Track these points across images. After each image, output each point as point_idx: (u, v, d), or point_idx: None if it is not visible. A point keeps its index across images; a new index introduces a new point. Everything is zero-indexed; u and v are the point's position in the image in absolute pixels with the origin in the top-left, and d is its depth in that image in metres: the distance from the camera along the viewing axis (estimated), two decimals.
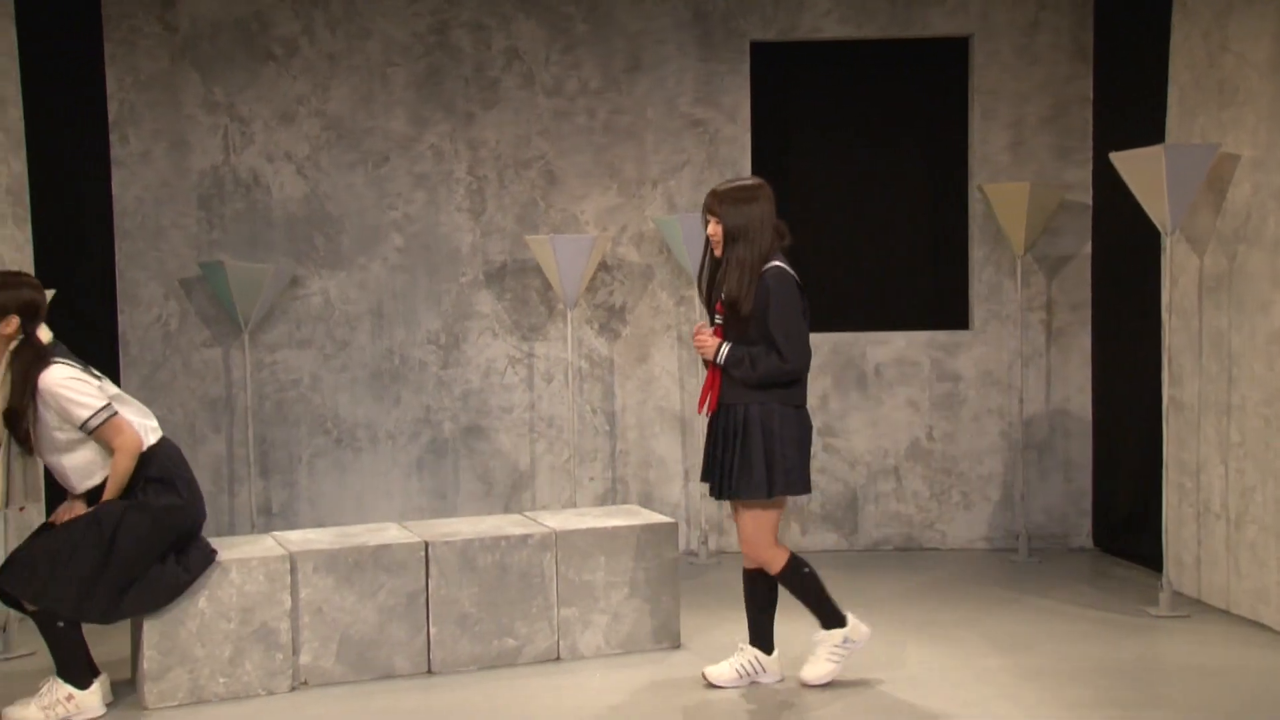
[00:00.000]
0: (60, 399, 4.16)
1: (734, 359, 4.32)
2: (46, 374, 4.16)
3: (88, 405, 4.18)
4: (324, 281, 6.91)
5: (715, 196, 4.38)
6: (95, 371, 4.34)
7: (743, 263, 4.30)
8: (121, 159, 6.80)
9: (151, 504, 4.27)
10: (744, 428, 4.32)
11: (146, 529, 4.24)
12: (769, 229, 4.35)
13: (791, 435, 4.34)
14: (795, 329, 4.30)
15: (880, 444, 6.89)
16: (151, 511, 4.26)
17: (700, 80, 6.84)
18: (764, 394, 4.31)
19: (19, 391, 4.14)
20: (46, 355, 4.21)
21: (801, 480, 4.39)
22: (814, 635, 4.56)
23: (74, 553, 4.14)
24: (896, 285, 7.05)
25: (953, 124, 6.96)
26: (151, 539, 4.26)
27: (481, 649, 4.79)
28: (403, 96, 6.86)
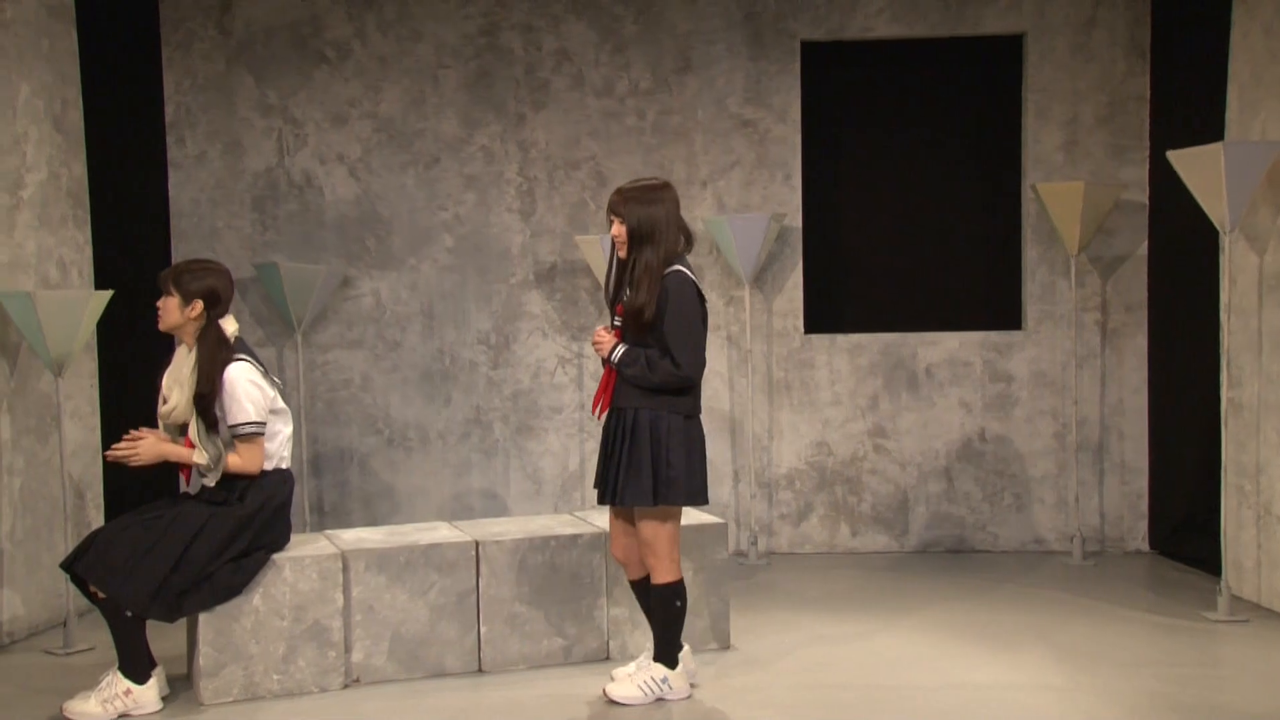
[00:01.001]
0: (232, 393, 4.32)
1: (628, 359, 4.19)
2: (234, 366, 4.34)
3: (246, 411, 4.33)
4: (375, 282, 6.95)
5: (620, 196, 4.25)
6: (275, 379, 4.53)
7: (648, 266, 4.17)
8: (178, 161, 6.88)
9: (233, 518, 4.33)
10: (632, 433, 4.19)
11: (222, 539, 4.30)
12: (674, 230, 4.22)
13: (679, 444, 4.18)
14: (691, 335, 4.15)
15: (931, 445, 6.83)
16: (233, 522, 4.32)
17: (750, 80, 6.81)
18: (654, 400, 4.18)
19: (206, 376, 4.31)
20: (229, 343, 4.40)
21: (689, 491, 4.19)
22: (641, 656, 4.42)
23: (151, 550, 4.19)
24: (948, 286, 6.98)
25: (1005, 123, 6.89)
26: (224, 547, 4.31)
27: (531, 648, 4.79)
28: (453, 98, 6.88)
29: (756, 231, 6.38)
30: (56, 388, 5.18)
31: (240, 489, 4.40)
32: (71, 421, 5.63)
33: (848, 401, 6.85)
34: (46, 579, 5.42)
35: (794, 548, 6.90)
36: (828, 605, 5.68)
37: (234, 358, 4.39)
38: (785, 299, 6.86)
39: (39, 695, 4.53)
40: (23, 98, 5.41)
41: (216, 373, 4.33)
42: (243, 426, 4.35)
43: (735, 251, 6.40)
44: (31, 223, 5.45)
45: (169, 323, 4.42)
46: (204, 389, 4.32)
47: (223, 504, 4.36)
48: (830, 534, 6.89)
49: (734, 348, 6.87)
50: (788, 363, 6.88)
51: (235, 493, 4.39)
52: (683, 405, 4.23)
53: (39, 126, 5.53)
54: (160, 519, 4.27)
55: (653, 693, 4.33)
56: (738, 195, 6.83)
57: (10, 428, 5.27)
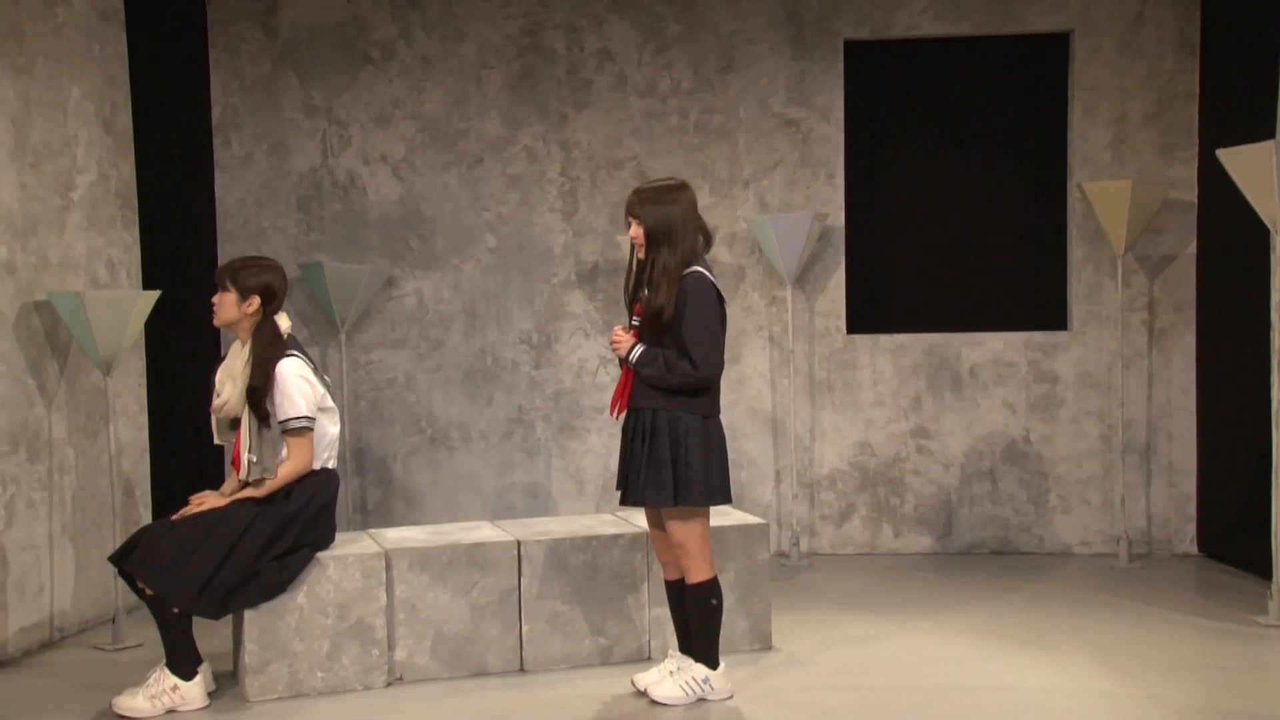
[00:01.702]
0: (283, 388, 4.37)
1: (646, 359, 4.16)
2: (286, 360, 4.40)
3: (297, 406, 4.39)
4: (418, 282, 6.98)
5: (636, 197, 4.22)
6: (325, 377, 4.60)
7: (666, 267, 4.14)
8: (224, 162, 6.94)
9: (279, 516, 4.37)
10: (651, 434, 4.17)
11: (267, 537, 4.33)
12: (691, 231, 4.19)
13: (697, 444, 4.16)
14: (709, 336, 4.12)
15: (975, 446, 6.77)
16: (278, 520, 4.36)
17: (793, 80, 6.78)
18: (671, 400, 4.16)
19: (260, 370, 4.37)
20: (284, 339, 4.46)
21: (709, 490, 4.17)
22: (678, 655, 4.39)
23: (200, 548, 4.23)
24: (992, 286, 6.92)
25: (1051, 122, 6.82)
26: (269, 545, 4.35)
27: (573, 647, 4.79)
28: (496, 98, 6.90)
29: (799, 231, 6.35)
30: (105, 386, 5.24)
31: (296, 488, 4.43)
32: (120, 420, 5.70)
33: (890, 402, 6.81)
34: (95, 575, 5.49)
35: (836, 549, 6.87)
36: (870, 606, 5.65)
37: (286, 353, 4.44)
38: (828, 299, 6.83)
39: (88, 690, 4.59)
40: (74, 101, 5.49)
41: (270, 367, 4.38)
42: (293, 421, 4.39)
43: (778, 251, 6.38)
44: (81, 224, 5.52)
45: (225, 318, 4.46)
46: (257, 382, 4.36)
47: (268, 502, 4.39)
48: (873, 535, 6.85)
49: (776, 348, 6.84)
50: (830, 363, 6.85)
51: (281, 491, 4.43)
52: (700, 405, 4.20)
53: (89, 129, 5.60)
54: (207, 517, 4.31)
55: (694, 693, 4.31)
56: (780, 195, 6.81)
57: (61, 425, 5.34)
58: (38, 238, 5.21)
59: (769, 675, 4.66)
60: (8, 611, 4.97)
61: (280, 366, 4.40)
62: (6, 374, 4.99)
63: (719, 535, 4.92)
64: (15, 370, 5.05)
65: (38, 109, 5.23)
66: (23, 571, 5.07)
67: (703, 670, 4.32)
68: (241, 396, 4.39)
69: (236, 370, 4.42)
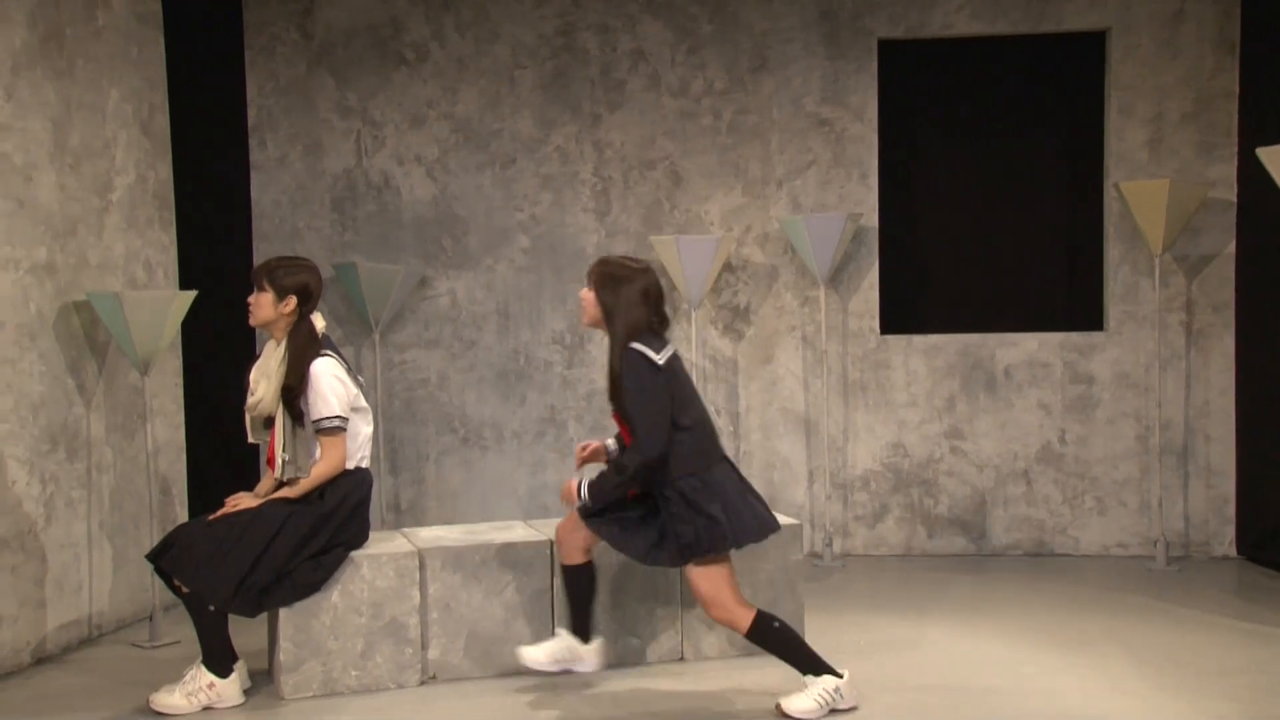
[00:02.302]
0: (316, 387, 4.40)
1: (598, 487, 4.19)
2: (320, 360, 4.43)
3: (330, 405, 4.41)
4: (452, 282, 7.01)
5: (595, 265, 4.34)
6: (359, 377, 4.64)
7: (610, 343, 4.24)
8: (260, 163, 6.99)
9: (313, 515, 4.39)
10: (666, 505, 4.16)
11: (302, 536, 4.36)
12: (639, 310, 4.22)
13: (708, 500, 4.10)
14: (646, 413, 4.10)
15: (1010, 447, 6.73)
16: (312, 519, 4.39)
17: (827, 79, 6.76)
18: (666, 476, 4.13)
19: (295, 369, 4.41)
20: (319, 339, 4.50)
21: (733, 534, 4.12)
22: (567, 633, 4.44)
23: (235, 546, 4.26)
24: (1027, 286, 6.88)
25: (1087, 121, 6.76)
26: (303, 544, 4.38)
27: (606, 647, 4.78)
28: (530, 99, 6.92)
29: (832, 231, 6.33)
30: (143, 386, 5.29)
31: (329, 487, 4.46)
32: (157, 419, 5.75)
33: (924, 403, 6.78)
34: (133, 573, 5.54)
35: (869, 550, 6.84)
36: (904, 608, 5.62)
37: (320, 353, 4.47)
38: (861, 299, 6.80)
39: (126, 687, 4.63)
40: (112, 103, 5.54)
41: (305, 366, 4.40)
42: (326, 421, 4.40)
43: (811, 251, 6.36)
44: (120, 225, 5.57)
45: (261, 318, 4.49)
46: (292, 381, 4.39)
47: (302, 502, 4.42)
48: (906, 536, 6.82)
49: (809, 348, 6.83)
50: (863, 363, 6.82)
51: (315, 491, 4.45)
52: (692, 465, 4.14)
53: (128, 130, 5.65)
54: (241, 516, 4.34)
55: (828, 703, 4.19)
56: (814, 195, 6.79)
57: (99, 425, 5.39)
58: (77, 239, 5.26)
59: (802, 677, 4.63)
60: (47, 609, 5.03)
61: (314, 366, 4.42)
62: (46, 373, 5.05)
63: None
64: (55, 370, 5.11)
65: (77, 111, 5.29)
66: (61, 569, 5.13)
67: (833, 680, 4.20)
68: (276, 395, 4.41)
69: (271, 369, 4.45)
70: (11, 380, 4.84)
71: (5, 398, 4.80)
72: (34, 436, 4.96)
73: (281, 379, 4.42)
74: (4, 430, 4.79)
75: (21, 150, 4.92)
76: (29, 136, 4.97)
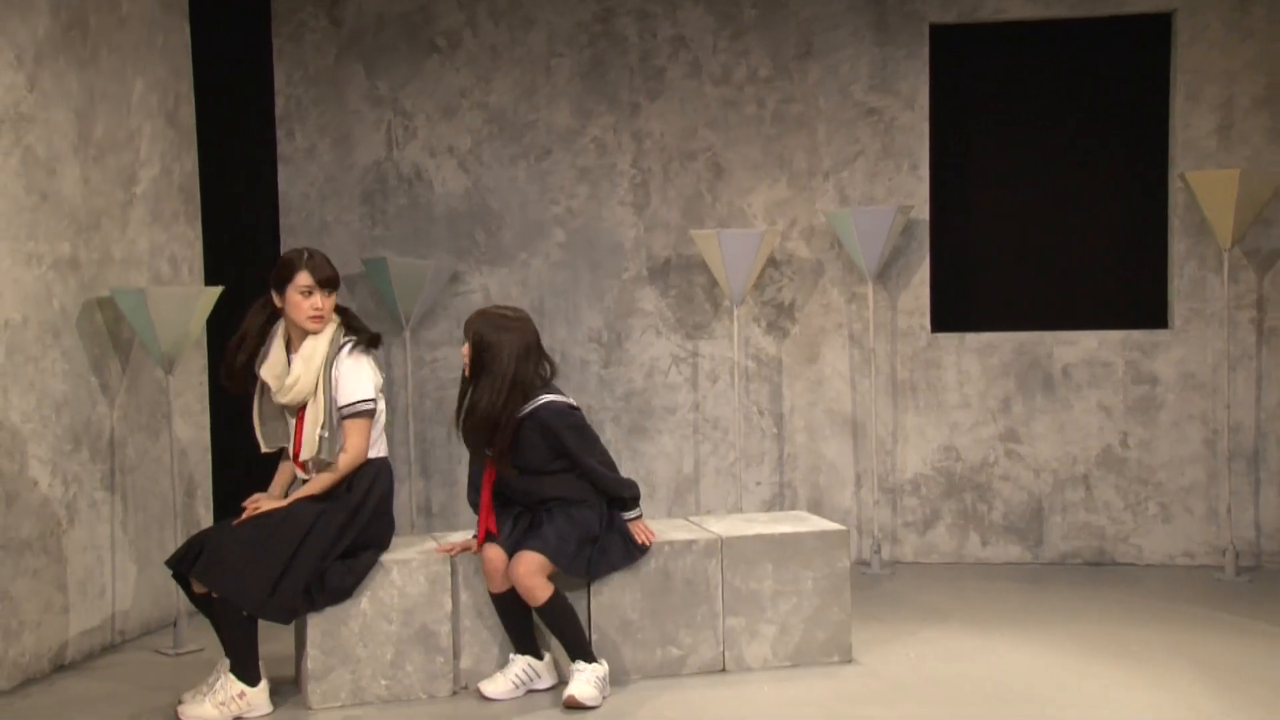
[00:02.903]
0: (346, 372, 4.48)
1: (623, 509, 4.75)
2: (351, 348, 4.53)
3: (365, 388, 4.50)
4: (485, 278, 7.03)
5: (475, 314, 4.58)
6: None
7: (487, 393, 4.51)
8: (288, 155, 7.05)
9: (343, 512, 4.44)
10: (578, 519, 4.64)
11: (333, 533, 4.40)
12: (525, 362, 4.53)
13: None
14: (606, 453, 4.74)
15: (1068, 450, 6.67)
16: (342, 515, 4.43)
17: (876, 66, 6.73)
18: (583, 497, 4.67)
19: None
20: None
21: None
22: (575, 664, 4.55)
23: (266, 549, 4.30)
24: (1087, 281, 6.82)
25: (1151, 108, 6.70)
26: (335, 541, 4.41)
27: (644, 657, 4.79)
28: (566, 88, 6.93)
29: (881, 225, 6.30)
30: (167, 384, 5.35)
31: (354, 480, 4.51)
32: (182, 419, 5.81)
33: (977, 404, 6.74)
34: (157, 576, 5.60)
35: (920, 557, 6.81)
36: (956, 618, 5.59)
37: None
38: (911, 296, 6.77)
39: (150, 695, 4.68)
40: (137, 93, 5.60)
41: (333, 353, 4.53)
42: (362, 403, 4.48)
43: (858, 246, 6.34)
44: (144, 218, 5.63)
45: (327, 319, 4.54)
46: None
47: (330, 498, 4.46)
48: (958, 543, 6.78)
49: (856, 347, 6.80)
50: (913, 363, 6.79)
51: (342, 484, 4.49)
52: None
53: (153, 122, 5.71)
54: (270, 517, 4.38)
55: (524, 684, 4.57)
56: (862, 187, 6.76)
57: (123, 424, 5.46)
58: (101, 233, 5.32)
59: (849, 690, 4.62)
60: (69, 613, 5.09)
61: (344, 352, 4.51)
62: (70, 371, 5.11)
63: (797, 541, 4.91)
64: (78, 368, 5.17)
65: (101, 102, 5.35)
66: (84, 573, 5.19)
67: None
68: (318, 376, 4.46)
69: (316, 354, 4.49)
70: (34, 379, 4.90)
71: (28, 396, 4.87)
72: (56, 436, 5.03)
73: (323, 367, 4.47)
74: (26, 430, 4.85)
75: (45, 142, 4.99)
76: (52, 128, 5.04)
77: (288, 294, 4.49)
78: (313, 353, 4.50)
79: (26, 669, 4.84)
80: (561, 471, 4.59)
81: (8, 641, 4.73)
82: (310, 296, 4.48)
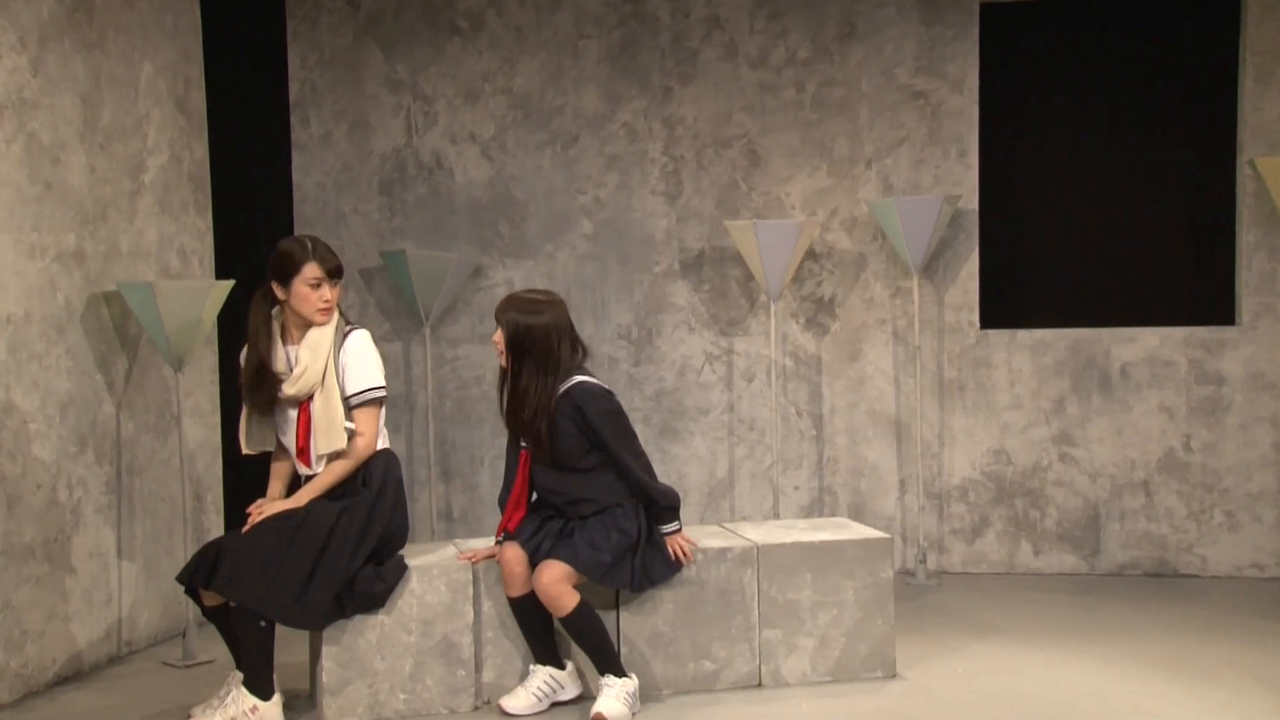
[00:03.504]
0: (362, 355, 4.53)
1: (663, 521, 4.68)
2: (359, 331, 4.59)
3: (376, 375, 4.55)
4: (509, 271, 7.03)
5: (503, 302, 4.57)
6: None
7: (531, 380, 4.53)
8: (302, 142, 7.06)
9: (363, 508, 4.45)
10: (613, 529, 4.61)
11: (357, 530, 4.40)
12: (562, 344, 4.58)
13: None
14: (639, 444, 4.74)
15: (1127, 454, 6.61)
16: (363, 510, 4.44)
17: (923, 47, 6.68)
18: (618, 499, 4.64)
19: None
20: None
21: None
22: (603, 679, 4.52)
23: (288, 553, 4.29)
24: (1148, 275, 6.76)
25: (1218, 90, 6.62)
26: (360, 545, 4.41)
27: (676, 671, 4.76)
28: (594, 71, 6.91)
29: (928, 215, 6.26)
30: (176, 383, 5.35)
31: (365, 474, 4.51)
32: (191, 419, 5.82)
33: (1030, 405, 6.68)
34: (166, 585, 5.62)
35: (968, 567, 6.76)
36: (1006, 632, 5.55)
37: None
38: (959, 290, 6.72)
39: (159, 708, 4.69)
40: (145, 78, 5.61)
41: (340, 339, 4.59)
42: (373, 390, 4.52)
43: (903, 237, 6.30)
44: (153, 209, 5.65)
45: (334, 307, 4.58)
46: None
47: (347, 494, 4.46)
48: (1009, 552, 6.73)
49: (900, 344, 6.76)
50: (961, 361, 6.74)
51: (358, 479, 4.50)
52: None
53: (161, 107, 5.73)
54: (287, 521, 4.36)
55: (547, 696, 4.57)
56: (906, 175, 6.71)
57: (130, 425, 5.47)
58: (107, 224, 5.34)
59: (892, 706, 4.59)
60: (74, 623, 5.11)
61: (354, 337, 4.56)
62: (74, 369, 5.13)
63: (837, 549, 4.88)
64: (83, 366, 5.19)
65: (108, 87, 5.37)
66: (90, 580, 5.21)
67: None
68: (326, 365, 4.47)
69: (322, 342, 4.50)
70: (38, 377, 4.92)
71: (31, 395, 4.88)
72: (61, 437, 5.04)
73: (330, 356, 4.49)
74: (29, 430, 4.87)
75: (49, 129, 5.01)
76: (57, 114, 5.05)
77: (294, 286, 4.49)
78: (319, 341, 4.51)
79: (29, 681, 4.86)
80: (597, 469, 4.56)
81: (9, 652, 4.75)
82: (319, 288, 4.49)
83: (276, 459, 4.66)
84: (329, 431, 4.46)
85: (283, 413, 4.56)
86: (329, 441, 4.46)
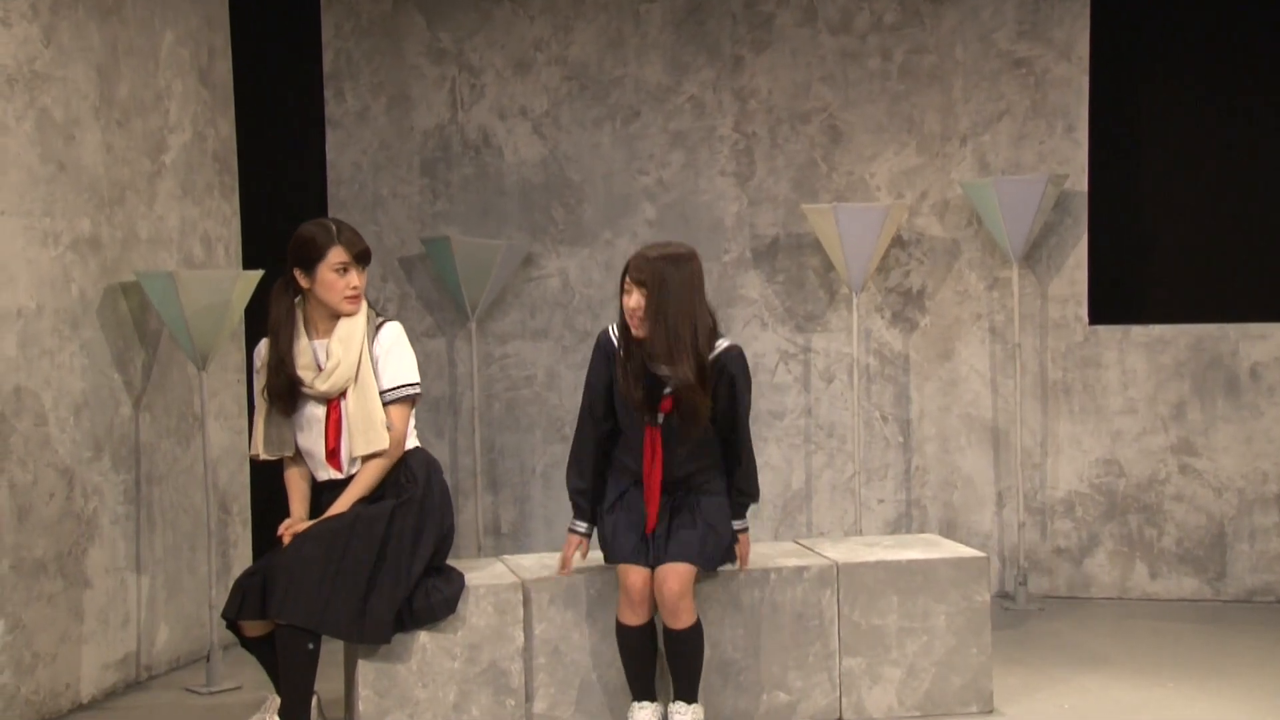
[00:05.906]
0: (398, 349, 4.59)
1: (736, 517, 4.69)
2: (391, 324, 4.66)
3: (413, 370, 4.62)
4: (563, 260, 7.05)
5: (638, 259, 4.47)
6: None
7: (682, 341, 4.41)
8: (337, 118, 7.12)
9: (414, 505, 4.49)
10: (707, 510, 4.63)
11: (413, 535, 4.45)
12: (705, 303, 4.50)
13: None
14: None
15: (1257, 466, 6.53)
16: (416, 508, 4.48)
17: (1025, 9, 6.64)
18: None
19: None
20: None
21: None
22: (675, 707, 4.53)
23: (342, 567, 4.30)
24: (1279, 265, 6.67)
25: None
26: (418, 547, 4.45)
27: (748, 703, 4.76)
28: (658, 39, 6.92)
29: (1030, 197, 6.22)
30: (200, 383, 5.41)
31: (406, 472, 4.54)
32: (216, 422, 5.88)
33: (1145, 409, 6.62)
34: (188, 604, 5.68)
35: (1074, 591, 6.71)
36: (1118, 664, 5.51)
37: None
38: (1065, 281, 6.67)
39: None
40: (166, 47, 5.68)
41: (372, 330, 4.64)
42: (409, 386, 4.57)
43: (1002, 222, 6.26)
44: (174, 191, 5.71)
45: (362, 294, 4.62)
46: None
47: (393, 495, 4.49)
48: (1122, 575, 6.67)
49: (999, 341, 6.71)
50: (1067, 360, 6.69)
51: (399, 477, 4.53)
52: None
53: (183, 80, 5.79)
54: (331, 529, 4.36)
55: None
56: (1006, 152, 6.67)
57: (149, 428, 5.53)
58: (125, 208, 5.40)
59: None
60: (88, 645, 5.17)
61: (392, 328, 4.61)
62: (90, 367, 5.19)
63: (927, 569, 4.88)
64: (100, 363, 5.25)
65: (126, 57, 5.43)
66: (106, 599, 5.27)
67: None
68: (359, 358, 4.51)
69: (354, 334, 4.53)
70: (50, 375, 4.99)
71: (43, 396, 4.95)
72: (75, 442, 5.11)
73: (363, 348, 4.52)
74: (41, 434, 4.94)
75: (62, 104, 5.07)
76: (70, 88, 5.12)
77: (319, 273, 4.50)
78: (351, 333, 4.53)
79: (40, 708, 4.92)
80: (704, 441, 4.52)
81: (19, 677, 4.81)
82: (345, 274, 4.51)
83: (289, 468, 4.64)
84: (367, 431, 4.47)
85: (307, 412, 4.56)
86: (368, 442, 4.47)
